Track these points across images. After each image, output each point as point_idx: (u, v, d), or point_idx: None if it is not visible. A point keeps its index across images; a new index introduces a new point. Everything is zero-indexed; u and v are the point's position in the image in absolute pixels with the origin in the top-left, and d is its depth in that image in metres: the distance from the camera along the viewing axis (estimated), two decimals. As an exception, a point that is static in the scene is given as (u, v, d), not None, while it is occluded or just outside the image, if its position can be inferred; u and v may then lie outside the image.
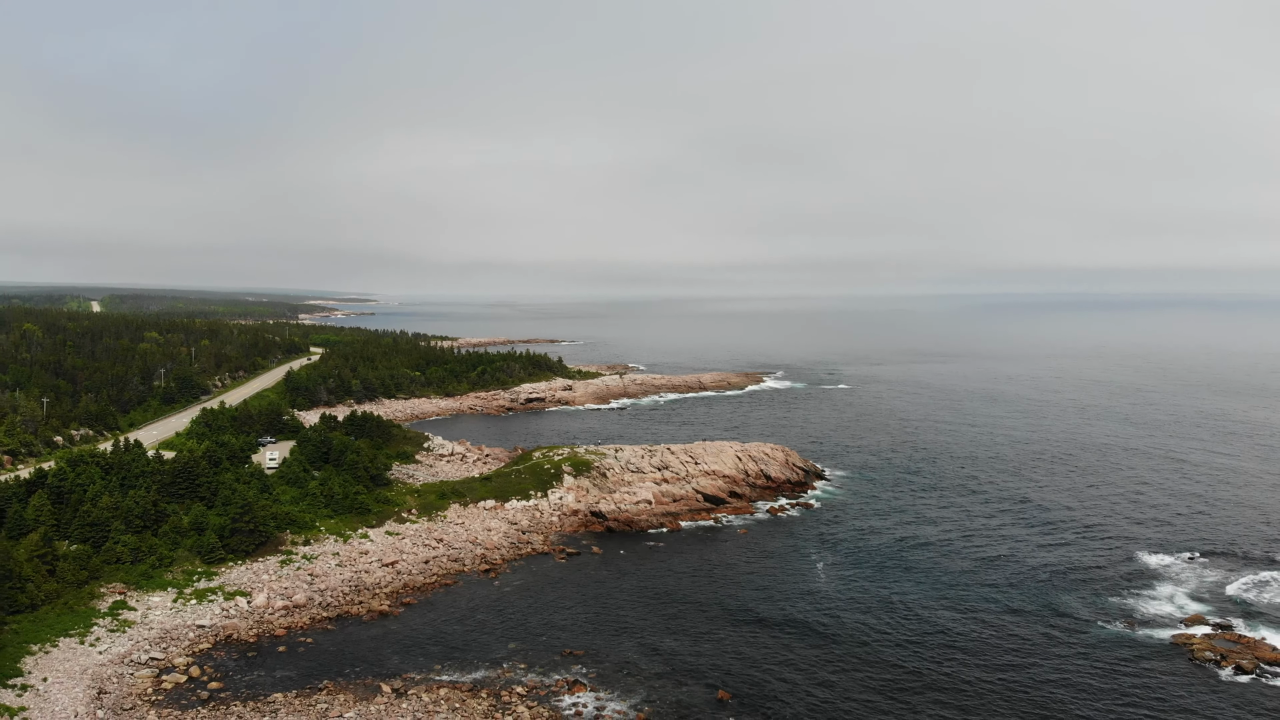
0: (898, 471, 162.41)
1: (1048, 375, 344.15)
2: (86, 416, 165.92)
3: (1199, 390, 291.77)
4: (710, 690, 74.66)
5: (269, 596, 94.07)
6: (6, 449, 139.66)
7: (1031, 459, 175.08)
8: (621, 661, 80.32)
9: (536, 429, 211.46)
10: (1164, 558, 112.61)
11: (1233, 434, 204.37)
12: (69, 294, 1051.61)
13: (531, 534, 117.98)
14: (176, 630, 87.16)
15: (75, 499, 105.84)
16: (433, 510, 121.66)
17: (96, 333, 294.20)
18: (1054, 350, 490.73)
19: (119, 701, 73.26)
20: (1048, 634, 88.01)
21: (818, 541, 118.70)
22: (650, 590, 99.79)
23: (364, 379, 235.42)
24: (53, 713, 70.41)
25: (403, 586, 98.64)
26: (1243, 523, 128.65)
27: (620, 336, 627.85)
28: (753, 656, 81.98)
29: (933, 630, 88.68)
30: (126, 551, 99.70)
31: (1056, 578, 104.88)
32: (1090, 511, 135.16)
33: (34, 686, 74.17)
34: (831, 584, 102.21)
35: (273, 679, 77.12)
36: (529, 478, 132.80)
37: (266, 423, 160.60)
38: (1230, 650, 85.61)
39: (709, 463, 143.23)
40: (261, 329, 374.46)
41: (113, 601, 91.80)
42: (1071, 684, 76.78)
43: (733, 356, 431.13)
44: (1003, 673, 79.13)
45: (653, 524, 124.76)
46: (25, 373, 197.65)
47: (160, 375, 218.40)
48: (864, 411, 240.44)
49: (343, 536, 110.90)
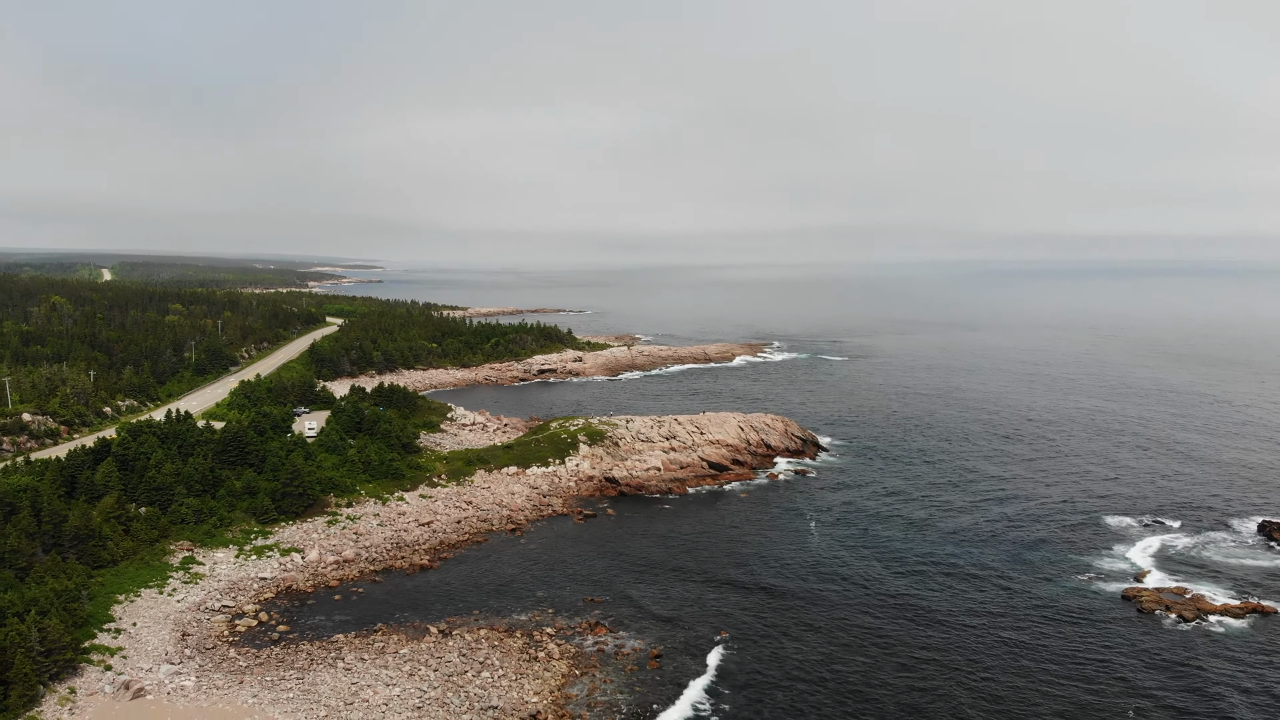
0: (890, 440, 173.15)
1: (1040, 347, 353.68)
2: (130, 388, 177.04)
3: (1182, 363, 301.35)
4: (713, 631, 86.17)
5: (320, 552, 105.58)
6: (63, 419, 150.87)
7: (1017, 428, 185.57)
8: (636, 608, 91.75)
9: (549, 399, 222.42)
10: (1125, 520, 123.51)
11: (1202, 405, 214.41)
12: (79, 261, 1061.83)
13: (551, 497, 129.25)
14: (242, 582, 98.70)
15: (140, 466, 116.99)
16: (461, 475, 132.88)
17: (122, 304, 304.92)
18: (1048, 320, 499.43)
19: (201, 642, 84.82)
20: (1011, 587, 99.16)
21: (812, 505, 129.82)
22: (660, 547, 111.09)
23: (384, 351, 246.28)
24: (146, 651, 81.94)
25: (439, 543, 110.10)
26: (1201, 490, 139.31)
27: (626, 306, 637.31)
28: (750, 603, 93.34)
29: (911, 582, 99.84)
30: (190, 513, 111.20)
31: (1025, 538, 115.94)
32: (1064, 478, 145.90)
33: (126, 630, 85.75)
34: (822, 542, 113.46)
35: (332, 623, 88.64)
36: (548, 446, 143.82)
37: (300, 394, 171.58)
38: (1175, 602, 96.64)
39: (713, 433, 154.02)
40: (279, 300, 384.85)
41: (183, 557, 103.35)
42: (1029, 630, 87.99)
43: (736, 326, 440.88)
44: (970, 618, 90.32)
45: (662, 489, 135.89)
46: (64, 345, 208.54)
47: (190, 347, 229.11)
48: (862, 382, 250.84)
49: (381, 499, 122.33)
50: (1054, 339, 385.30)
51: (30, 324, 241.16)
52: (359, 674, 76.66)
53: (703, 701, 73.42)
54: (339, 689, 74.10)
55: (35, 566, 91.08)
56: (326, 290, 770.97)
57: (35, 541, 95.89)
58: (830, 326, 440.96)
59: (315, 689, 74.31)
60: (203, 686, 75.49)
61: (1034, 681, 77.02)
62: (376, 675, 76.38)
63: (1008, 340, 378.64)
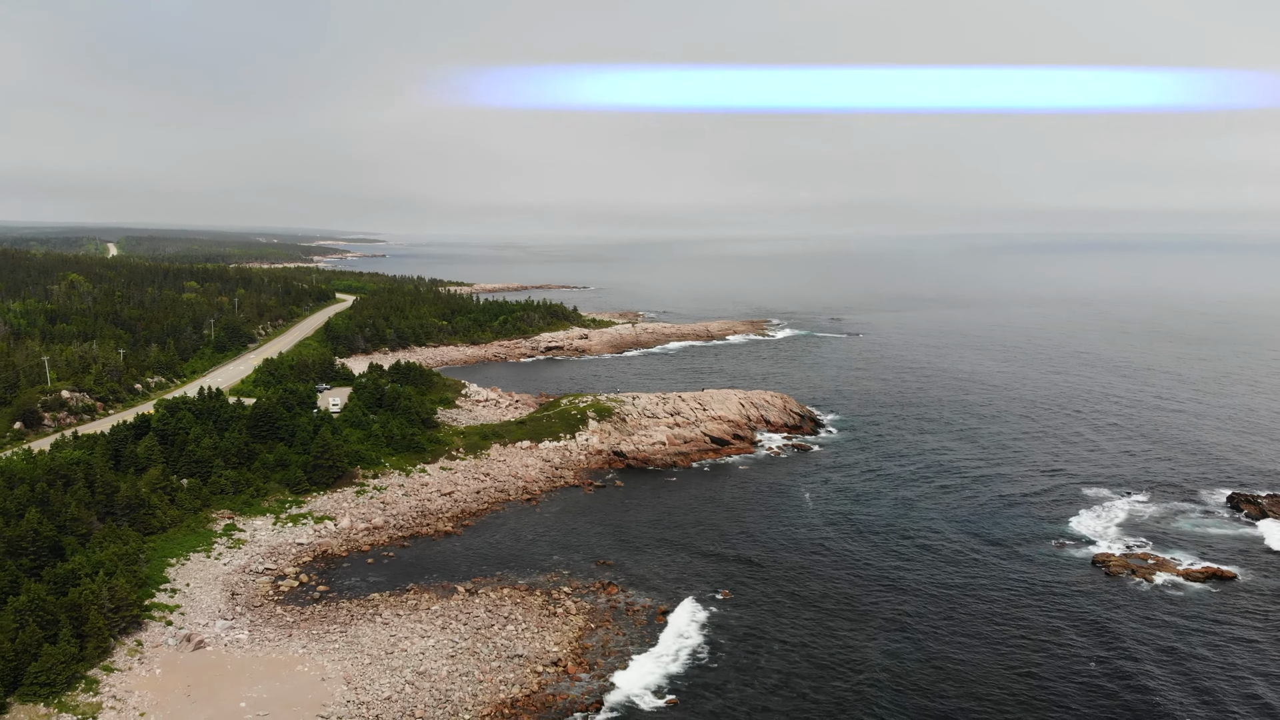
0: (885, 416, 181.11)
1: (1036, 322, 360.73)
2: (158, 365, 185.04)
3: (1170, 339, 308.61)
4: (714, 591, 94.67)
5: (351, 520, 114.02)
6: (98, 396, 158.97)
7: (1009, 404, 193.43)
8: (644, 570, 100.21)
9: (557, 376, 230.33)
10: (1103, 492, 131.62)
11: (1185, 382, 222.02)
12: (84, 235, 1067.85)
13: (563, 470, 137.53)
14: (281, 547, 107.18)
15: (180, 440, 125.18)
16: (478, 449, 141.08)
17: (139, 281, 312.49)
18: (1045, 295, 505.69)
19: (249, 600, 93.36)
20: (990, 551, 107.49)
21: (807, 477, 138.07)
22: (665, 517, 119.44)
23: (397, 328, 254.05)
24: (201, 609, 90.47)
25: (460, 512, 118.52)
26: (1177, 464, 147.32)
27: (630, 281, 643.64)
28: (748, 567, 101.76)
29: (897, 547, 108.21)
30: (229, 484, 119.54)
31: (1007, 507, 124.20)
32: (1050, 451, 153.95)
33: (181, 590, 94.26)
34: (817, 511, 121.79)
35: (367, 583, 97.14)
36: (559, 422, 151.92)
37: (320, 371, 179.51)
38: (1141, 566, 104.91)
39: (715, 409, 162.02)
40: (290, 276, 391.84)
41: (225, 525, 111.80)
42: (1004, 588, 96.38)
43: (738, 303, 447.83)
44: (949, 578, 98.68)
45: (667, 462, 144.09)
46: (90, 323, 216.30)
47: (209, 325, 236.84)
48: (860, 360, 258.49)
49: (405, 471, 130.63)
50: (1046, 315, 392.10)
51: (52, 302, 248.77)
52: (396, 628, 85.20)
53: (703, 651, 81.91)
54: (379, 640, 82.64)
55: (94, 533, 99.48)
56: (332, 265, 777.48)
57: (91, 510, 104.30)
58: (830, 303, 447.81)
59: (358, 640, 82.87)
60: (255, 639, 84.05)
61: (1004, 639, 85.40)
62: (412, 629, 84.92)
63: (1002, 317, 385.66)
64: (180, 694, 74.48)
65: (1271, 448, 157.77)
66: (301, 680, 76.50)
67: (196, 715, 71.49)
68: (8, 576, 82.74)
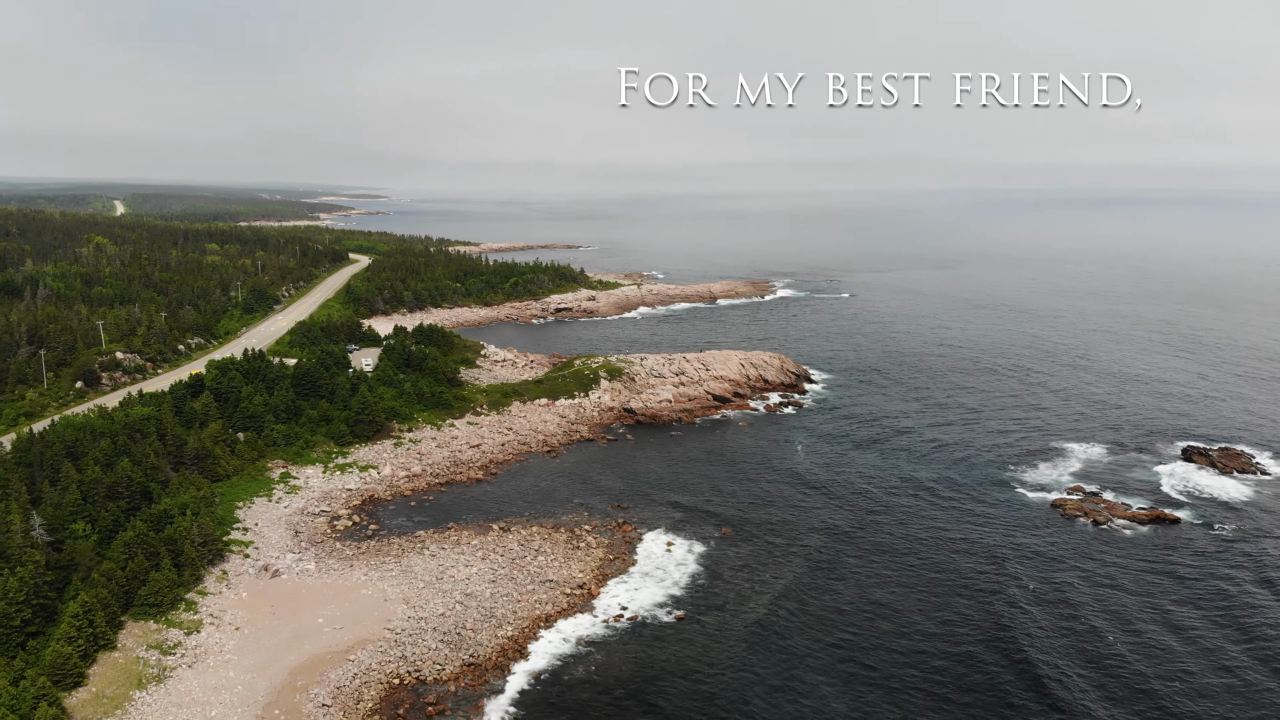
0: (876, 374, 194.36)
1: (1029, 282, 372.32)
2: (195, 326, 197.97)
3: (1158, 300, 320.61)
4: (717, 528, 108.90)
5: (393, 469, 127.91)
6: (147, 357, 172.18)
7: (993, 361, 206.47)
8: (653, 511, 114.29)
9: (568, 337, 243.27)
10: (1071, 444, 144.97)
11: (1170, 342, 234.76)
12: (88, 191, 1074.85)
13: (578, 425, 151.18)
14: (332, 492, 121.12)
15: (233, 398, 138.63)
16: (499, 406, 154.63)
17: (161, 243, 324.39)
18: (1040, 254, 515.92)
19: (311, 537, 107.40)
20: (956, 495, 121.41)
21: (800, 430, 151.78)
22: (672, 466, 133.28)
23: (414, 291, 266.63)
24: (271, 544, 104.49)
25: (489, 462, 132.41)
26: (1143, 418, 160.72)
27: (635, 240, 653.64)
28: (746, 507, 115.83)
29: (876, 492, 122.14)
30: (280, 437, 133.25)
31: (977, 457, 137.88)
32: (1027, 407, 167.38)
33: (251, 529, 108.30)
34: (807, 459, 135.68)
35: (412, 523, 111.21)
36: (573, 381, 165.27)
37: (349, 333, 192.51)
38: (1092, 509, 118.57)
39: (717, 369, 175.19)
40: (306, 237, 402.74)
41: (280, 473, 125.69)
42: (965, 526, 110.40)
43: (740, 261, 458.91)
44: (921, 522, 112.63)
45: (673, 418, 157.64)
46: (124, 287, 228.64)
47: (236, 287, 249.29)
48: (856, 321, 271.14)
49: (436, 425, 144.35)
50: (1038, 273, 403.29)
51: (82, 265, 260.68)
52: (443, 559, 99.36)
53: (705, 578, 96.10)
54: (429, 569, 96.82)
55: (171, 480, 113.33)
56: (337, 222, 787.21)
57: (164, 460, 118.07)
58: (829, 263, 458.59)
59: (411, 569, 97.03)
60: (322, 569, 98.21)
61: (958, 566, 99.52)
62: (456, 559, 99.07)
63: (996, 274, 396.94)
64: (266, 612, 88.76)
65: (1233, 404, 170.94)
66: (367, 601, 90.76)
67: (283, 629, 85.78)
68: (110, 516, 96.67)
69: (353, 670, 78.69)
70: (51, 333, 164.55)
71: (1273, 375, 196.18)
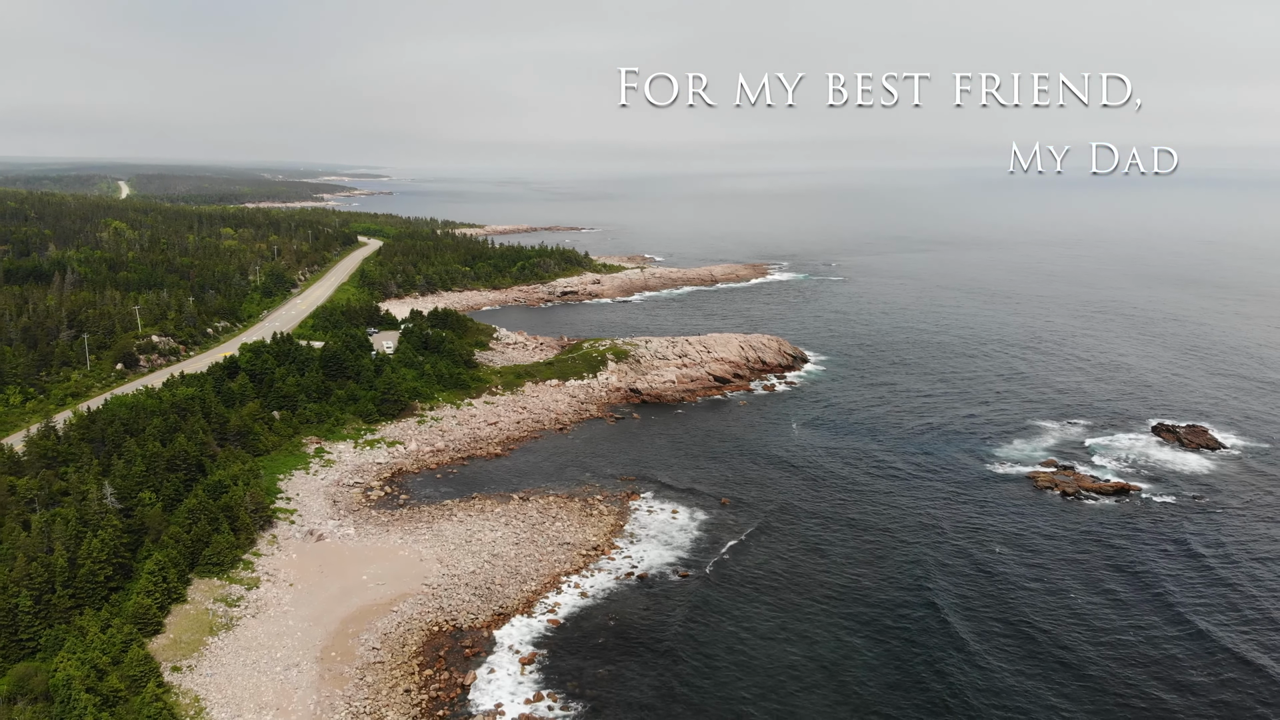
0: (869, 356, 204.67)
1: (1021, 265, 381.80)
2: (221, 310, 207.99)
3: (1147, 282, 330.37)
4: (717, 499, 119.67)
5: (418, 445, 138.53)
6: (180, 340, 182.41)
7: (982, 345, 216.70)
8: (660, 484, 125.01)
9: (574, 319, 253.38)
10: (1050, 423, 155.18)
11: (1153, 324, 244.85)
12: (92, 172, 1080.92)
13: (588, 404, 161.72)
14: (363, 466, 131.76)
15: (267, 379, 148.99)
16: (513, 386, 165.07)
17: (176, 227, 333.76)
18: (1035, 236, 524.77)
19: (348, 506, 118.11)
20: (936, 470, 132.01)
21: (795, 409, 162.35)
22: (676, 442, 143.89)
23: (425, 275, 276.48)
24: (313, 512, 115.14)
25: (506, 438, 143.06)
26: (1121, 397, 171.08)
27: (636, 222, 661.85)
28: (744, 481, 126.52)
29: (863, 467, 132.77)
30: (313, 415, 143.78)
31: (958, 434, 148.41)
32: (1010, 387, 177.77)
33: (293, 498, 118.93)
34: (801, 437, 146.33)
35: (439, 493, 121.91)
36: (581, 363, 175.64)
37: (367, 316, 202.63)
38: (1063, 482, 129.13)
39: (718, 351, 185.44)
40: (316, 220, 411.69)
41: (315, 448, 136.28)
42: (940, 499, 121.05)
43: (741, 244, 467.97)
44: (904, 494, 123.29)
45: (676, 398, 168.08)
46: (148, 272, 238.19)
47: (255, 271, 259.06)
48: (853, 304, 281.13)
49: (455, 405, 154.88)
50: (1031, 255, 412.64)
51: (104, 250, 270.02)
52: (470, 525, 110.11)
53: (707, 542, 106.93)
54: (459, 533, 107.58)
55: (219, 454, 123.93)
56: (342, 204, 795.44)
57: (210, 437, 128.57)
58: (827, 245, 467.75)
59: (442, 533, 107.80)
60: (361, 534, 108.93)
61: (930, 534, 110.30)
62: (482, 525, 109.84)
63: (992, 257, 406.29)
64: (315, 571, 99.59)
65: (1208, 382, 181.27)
66: (404, 561, 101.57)
67: (331, 585, 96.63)
68: (172, 485, 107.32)
69: (396, 619, 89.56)
70: (90, 318, 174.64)
71: (1250, 357, 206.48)
